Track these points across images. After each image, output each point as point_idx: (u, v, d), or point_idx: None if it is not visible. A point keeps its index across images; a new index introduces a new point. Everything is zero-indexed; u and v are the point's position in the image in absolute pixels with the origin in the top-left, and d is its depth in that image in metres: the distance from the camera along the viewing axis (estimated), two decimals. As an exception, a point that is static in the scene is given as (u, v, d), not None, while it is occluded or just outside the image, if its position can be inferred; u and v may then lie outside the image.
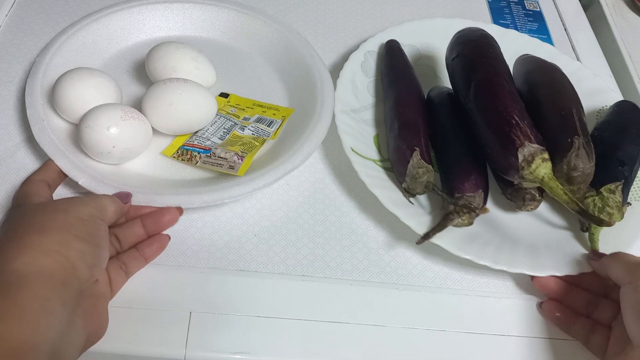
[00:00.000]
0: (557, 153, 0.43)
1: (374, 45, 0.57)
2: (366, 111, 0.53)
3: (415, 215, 0.44)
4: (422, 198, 0.47)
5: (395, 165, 0.47)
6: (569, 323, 0.42)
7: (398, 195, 0.45)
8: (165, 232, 0.42)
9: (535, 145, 0.42)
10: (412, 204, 0.45)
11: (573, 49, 0.67)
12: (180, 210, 0.42)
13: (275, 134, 0.50)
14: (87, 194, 0.43)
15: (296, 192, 0.48)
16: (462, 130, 0.48)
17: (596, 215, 0.45)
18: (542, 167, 0.41)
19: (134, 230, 0.41)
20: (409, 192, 0.45)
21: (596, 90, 0.57)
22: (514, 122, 0.42)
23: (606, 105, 0.57)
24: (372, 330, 0.41)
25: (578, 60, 0.66)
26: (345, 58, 0.59)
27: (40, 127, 0.44)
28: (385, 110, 0.52)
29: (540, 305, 0.44)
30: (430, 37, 0.60)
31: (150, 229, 0.41)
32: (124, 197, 0.41)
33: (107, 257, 0.36)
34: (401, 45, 0.57)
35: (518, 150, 0.41)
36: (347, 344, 0.40)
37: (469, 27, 0.52)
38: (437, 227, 0.42)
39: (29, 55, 0.53)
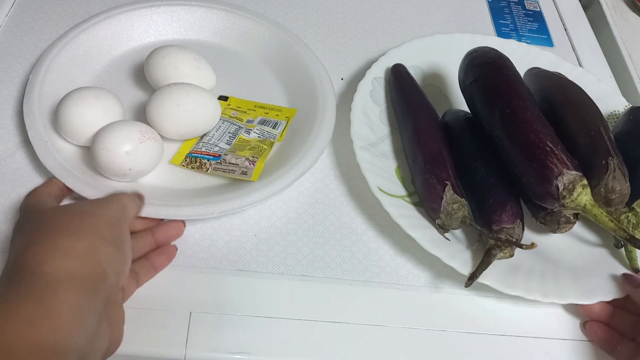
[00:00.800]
0: (592, 176, 0.42)
1: (379, 71, 0.56)
2: (383, 143, 0.51)
3: (457, 253, 0.43)
4: (455, 230, 0.46)
5: (425, 201, 0.45)
6: (612, 345, 0.42)
7: (433, 233, 0.44)
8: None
9: (574, 172, 0.40)
10: (449, 240, 0.44)
11: (573, 49, 0.68)
12: (183, 223, 0.44)
13: (281, 135, 0.50)
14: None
15: (296, 191, 0.48)
16: (488, 156, 0.47)
17: (631, 231, 0.44)
18: (583, 194, 0.40)
19: (145, 242, 0.41)
20: (443, 228, 0.44)
21: (602, 95, 0.57)
22: (548, 149, 0.41)
23: (615, 111, 0.57)
24: (372, 330, 0.41)
25: (578, 60, 0.66)
26: (345, 59, 0.59)
27: (44, 149, 0.44)
28: (403, 140, 0.51)
29: (583, 326, 0.44)
30: (432, 56, 0.59)
31: (160, 240, 0.42)
32: (138, 196, 0.41)
33: (130, 263, 0.36)
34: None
35: (557, 179, 0.40)
36: (347, 344, 0.40)
37: (481, 48, 0.50)
38: (482, 265, 0.41)
39: (29, 55, 0.53)
